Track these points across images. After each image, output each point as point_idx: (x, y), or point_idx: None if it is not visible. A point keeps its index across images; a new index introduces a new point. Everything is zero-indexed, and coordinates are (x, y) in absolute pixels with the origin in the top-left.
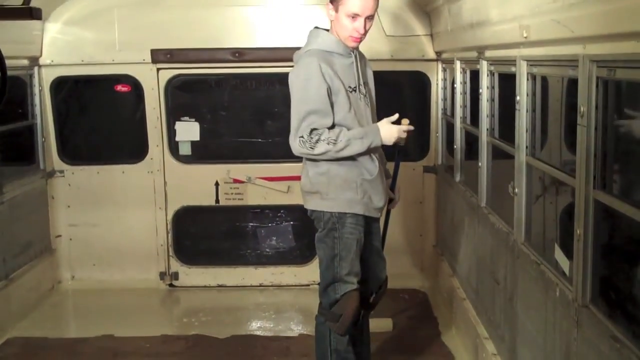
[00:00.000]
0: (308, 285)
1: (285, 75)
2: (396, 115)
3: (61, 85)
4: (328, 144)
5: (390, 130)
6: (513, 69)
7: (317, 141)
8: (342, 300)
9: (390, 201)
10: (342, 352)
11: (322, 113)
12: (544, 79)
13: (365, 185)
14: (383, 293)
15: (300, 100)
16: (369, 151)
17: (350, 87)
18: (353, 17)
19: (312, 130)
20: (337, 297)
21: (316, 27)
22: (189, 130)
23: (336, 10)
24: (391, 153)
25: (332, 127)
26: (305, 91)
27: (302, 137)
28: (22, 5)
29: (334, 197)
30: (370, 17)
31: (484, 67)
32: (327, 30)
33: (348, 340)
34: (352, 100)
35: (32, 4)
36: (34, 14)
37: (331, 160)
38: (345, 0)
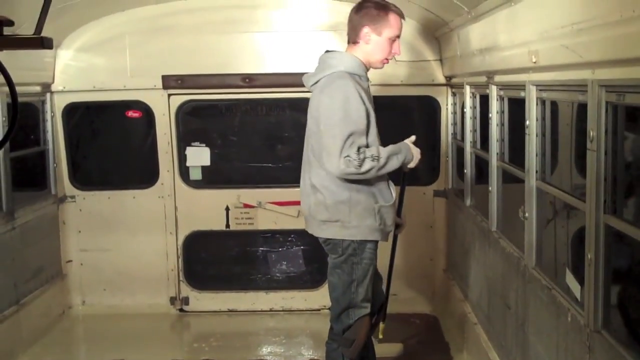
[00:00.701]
0: (319, 310)
1: (296, 100)
2: (414, 137)
3: (73, 112)
4: (372, 160)
5: (415, 150)
6: (522, 93)
7: (363, 159)
8: (355, 325)
9: (397, 226)
10: None
11: (361, 133)
12: (554, 104)
13: (382, 211)
14: (385, 312)
15: (341, 121)
16: (392, 172)
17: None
18: (394, 40)
19: (358, 148)
20: (350, 323)
21: (328, 51)
22: (199, 156)
23: (380, 34)
24: (395, 177)
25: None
26: (346, 112)
27: (348, 156)
28: (33, 34)
29: (357, 224)
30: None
31: (493, 92)
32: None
33: None
34: (374, 123)
35: (45, 30)
36: (45, 43)
37: (351, 187)
38: (391, 23)
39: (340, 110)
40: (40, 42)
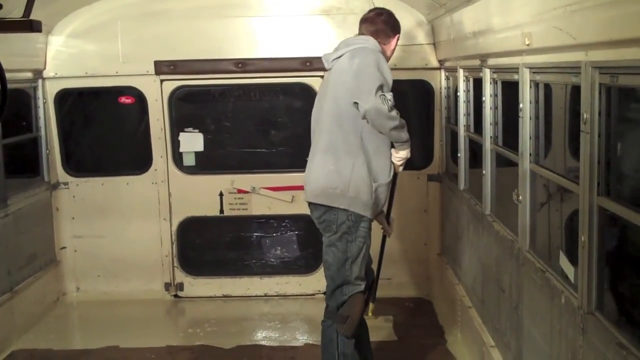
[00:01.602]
0: (313, 294)
1: (289, 85)
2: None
3: (65, 98)
4: (397, 114)
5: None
6: (516, 76)
7: (394, 107)
8: (349, 302)
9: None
10: (349, 356)
11: (390, 89)
12: (547, 86)
13: (378, 190)
14: (375, 292)
15: (375, 72)
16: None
17: None
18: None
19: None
20: (344, 299)
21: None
22: (193, 141)
23: (398, 39)
24: None
25: None
26: (379, 69)
27: (383, 95)
28: (21, 17)
29: (354, 196)
30: None
31: (486, 75)
32: None
33: (354, 344)
34: None
35: (37, 16)
36: (33, 26)
37: (356, 158)
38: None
39: (374, 66)
40: (29, 24)
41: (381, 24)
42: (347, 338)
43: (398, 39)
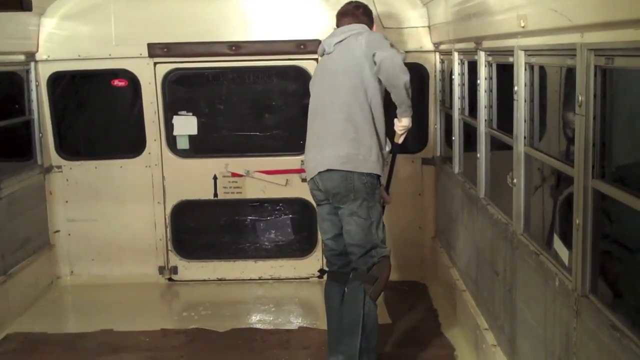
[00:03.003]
0: (307, 278)
1: (283, 67)
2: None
3: (58, 81)
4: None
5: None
6: (511, 59)
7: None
8: (379, 264)
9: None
10: (373, 317)
11: None
12: (542, 69)
13: (383, 155)
14: None
15: (387, 39)
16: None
17: None
18: None
19: None
20: (374, 261)
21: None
22: (186, 125)
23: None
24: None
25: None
26: (397, 50)
27: (396, 49)
28: None
29: (375, 160)
30: None
31: (481, 58)
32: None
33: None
34: None
35: None
36: (24, 5)
37: (372, 130)
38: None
39: (382, 36)
40: (20, 3)
41: (362, 17)
42: (373, 300)
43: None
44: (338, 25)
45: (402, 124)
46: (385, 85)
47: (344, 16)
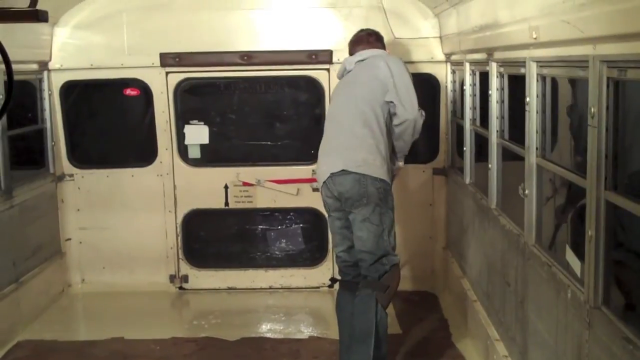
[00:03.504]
0: (318, 287)
1: (294, 78)
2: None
3: (70, 90)
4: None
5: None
6: (523, 70)
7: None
8: (390, 272)
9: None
10: (385, 325)
11: None
12: (554, 80)
13: (392, 171)
14: None
15: (410, 82)
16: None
17: None
18: None
19: None
20: (386, 269)
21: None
22: (198, 134)
23: None
24: None
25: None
26: (409, 76)
27: (420, 110)
28: (28, 7)
29: (387, 170)
30: None
31: (493, 69)
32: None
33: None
34: None
35: (42, 7)
36: (40, 16)
37: (385, 150)
38: None
39: (408, 74)
40: (36, 14)
41: (376, 43)
42: (384, 307)
43: None
44: (351, 53)
45: (399, 164)
46: (395, 133)
47: (358, 44)
